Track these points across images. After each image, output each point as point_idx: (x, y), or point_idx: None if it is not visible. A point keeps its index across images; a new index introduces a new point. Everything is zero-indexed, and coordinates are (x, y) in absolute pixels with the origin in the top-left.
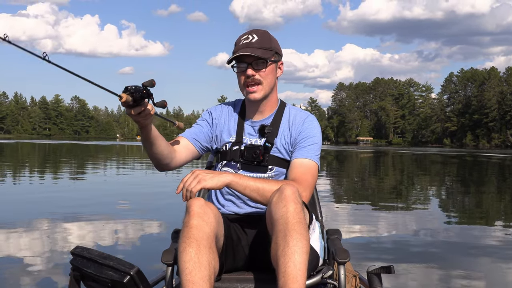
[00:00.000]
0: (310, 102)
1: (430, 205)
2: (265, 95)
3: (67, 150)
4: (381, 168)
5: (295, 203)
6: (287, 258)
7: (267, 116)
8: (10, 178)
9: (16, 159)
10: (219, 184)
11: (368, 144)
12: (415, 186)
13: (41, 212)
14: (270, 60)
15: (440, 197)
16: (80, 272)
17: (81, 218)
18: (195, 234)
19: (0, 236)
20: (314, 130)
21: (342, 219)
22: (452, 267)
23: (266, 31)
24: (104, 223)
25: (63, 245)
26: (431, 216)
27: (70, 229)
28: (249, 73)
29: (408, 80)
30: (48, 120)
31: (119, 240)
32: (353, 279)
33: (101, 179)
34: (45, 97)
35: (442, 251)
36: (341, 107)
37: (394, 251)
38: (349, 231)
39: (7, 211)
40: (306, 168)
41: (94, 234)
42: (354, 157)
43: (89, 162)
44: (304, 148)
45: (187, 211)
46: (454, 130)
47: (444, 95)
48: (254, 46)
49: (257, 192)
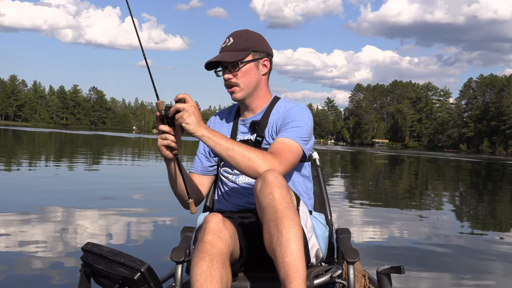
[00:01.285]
0: (327, 102)
1: (449, 211)
2: (247, 94)
3: (84, 140)
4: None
5: (280, 187)
6: (283, 248)
7: (258, 113)
8: (25, 168)
9: (33, 148)
10: (193, 130)
11: (383, 147)
12: (441, 192)
13: (52, 204)
14: (242, 61)
15: (466, 205)
16: (90, 268)
17: (92, 212)
18: (208, 250)
19: (10, 228)
20: (299, 115)
21: (355, 220)
22: (464, 272)
23: (245, 30)
24: (115, 218)
25: (74, 240)
26: (448, 223)
27: (81, 223)
28: (225, 77)
29: (426, 84)
30: (65, 109)
31: (130, 236)
32: (362, 278)
33: (112, 171)
34: (64, 86)
35: (454, 256)
36: (358, 108)
37: (406, 255)
38: (361, 231)
39: (18, 202)
40: (285, 144)
41: (105, 229)
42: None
43: (103, 154)
44: (287, 130)
45: (203, 227)
46: (471, 136)
47: (462, 100)
48: (228, 49)
49: (227, 151)
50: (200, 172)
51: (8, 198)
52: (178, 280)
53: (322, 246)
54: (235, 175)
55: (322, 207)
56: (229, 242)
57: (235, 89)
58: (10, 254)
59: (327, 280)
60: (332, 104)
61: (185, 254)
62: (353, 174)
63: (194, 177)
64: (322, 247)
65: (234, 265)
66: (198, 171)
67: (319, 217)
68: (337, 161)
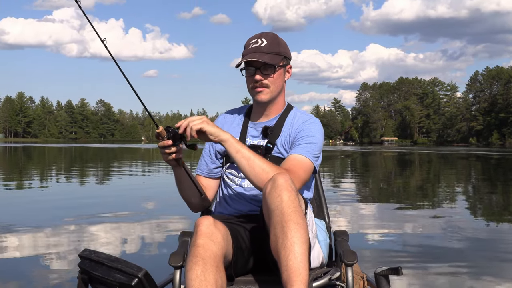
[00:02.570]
0: (334, 103)
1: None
2: (272, 98)
3: (93, 153)
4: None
5: (289, 191)
6: (287, 251)
7: (272, 118)
8: (33, 182)
9: (43, 162)
10: (216, 134)
11: (393, 144)
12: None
13: (53, 212)
14: (278, 65)
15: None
16: (88, 275)
17: (91, 220)
18: (201, 253)
19: (10, 237)
20: (313, 131)
21: (371, 221)
22: (481, 272)
23: (275, 34)
24: (112, 225)
25: (72, 247)
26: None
27: (80, 231)
28: (257, 78)
29: (432, 79)
30: (74, 123)
31: (127, 242)
32: (360, 280)
33: (113, 181)
34: (71, 101)
35: (468, 252)
36: (365, 107)
37: (420, 253)
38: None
39: (17, 214)
40: (298, 162)
41: (102, 236)
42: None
43: (110, 166)
44: (301, 146)
45: (194, 231)
46: (480, 129)
47: (469, 94)
48: (262, 51)
49: (248, 160)
50: (206, 175)
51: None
52: (177, 285)
53: (324, 253)
54: (241, 178)
55: (320, 212)
56: (222, 244)
57: (264, 90)
58: (7, 261)
59: (326, 282)
60: (339, 104)
61: (183, 259)
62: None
63: (200, 179)
64: (325, 253)
65: (229, 268)
66: (204, 173)
67: (320, 224)
68: (356, 165)
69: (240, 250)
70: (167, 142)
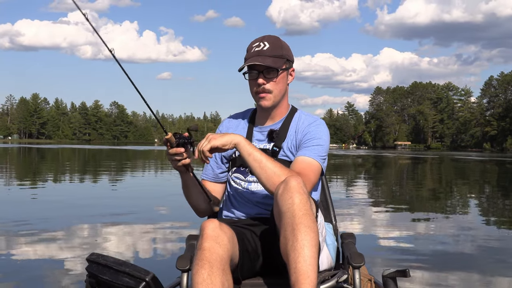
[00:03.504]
0: (348, 107)
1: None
2: (276, 102)
3: (106, 155)
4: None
5: (301, 194)
6: (296, 253)
7: (277, 121)
8: (45, 183)
9: (56, 164)
10: (228, 142)
11: (406, 149)
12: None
13: (57, 213)
14: (281, 68)
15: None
16: (95, 278)
17: (97, 223)
18: (208, 257)
19: (16, 239)
20: (320, 133)
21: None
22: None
23: (277, 37)
24: (120, 228)
25: (79, 251)
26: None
27: (87, 234)
28: (260, 82)
29: (446, 84)
30: (87, 125)
31: (134, 246)
32: (368, 283)
33: (122, 184)
34: (85, 102)
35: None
36: (379, 111)
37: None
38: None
39: (28, 213)
40: (307, 164)
41: (109, 239)
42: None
43: (122, 168)
44: (308, 148)
45: (200, 234)
46: (494, 134)
47: (483, 99)
48: (265, 54)
49: (260, 163)
50: (211, 179)
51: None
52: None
53: (332, 256)
54: (248, 182)
55: (327, 215)
56: (228, 247)
57: (267, 96)
58: (13, 263)
59: (333, 285)
60: (352, 108)
61: (190, 262)
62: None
63: (206, 184)
64: (333, 256)
65: (235, 270)
66: (210, 178)
67: (327, 227)
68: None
69: (247, 253)
70: (179, 150)
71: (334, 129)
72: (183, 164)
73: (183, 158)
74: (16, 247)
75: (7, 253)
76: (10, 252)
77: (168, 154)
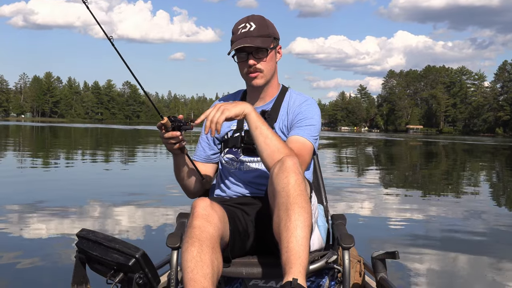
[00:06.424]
0: (360, 90)
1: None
2: (267, 81)
3: (117, 134)
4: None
5: (296, 174)
6: (289, 233)
7: (268, 102)
8: (45, 163)
9: (66, 143)
10: (241, 112)
11: (418, 133)
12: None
13: (57, 194)
14: (269, 48)
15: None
16: (85, 254)
17: (92, 202)
18: (198, 235)
19: (11, 216)
20: (311, 112)
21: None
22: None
23: (262, 16)
24: (111, 206)
25: (69, 227)
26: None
27: (80, 212)
28: (251, 63)
29: (460, 68)
30: (100, 104)
31: (125, 223)
32: (357, 264)
33: (118, 164)
34: (98, 82)
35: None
36: (391, 94)
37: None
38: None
39: (25, 192)
40: (302, 144)
41: (101, 217)
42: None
43: (131, 148)
44: (301, 128)
45: (191, 212)
46: (507, 119)
47: (497, 84)
48: (252, 35)
49: (265, 138)
50: (203, 160)
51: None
52: (174, 265)
53: (323, 237)
54: (240, 162)
55: (318, 196)
56: (219, 225)
57: (259, 75)
58: (6, 240)
59: (323, 265)
60: (365, 91)
61: (180, 240)
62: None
63: (197, 165)
64: (324, 237)
65: (226, 249)
66: (201, 159)
67: (319, 208)
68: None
69: (238, 232)
70: (176, 134)
71: (346, 112)
72: (179, 147)
73: (179, 141)
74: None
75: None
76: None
77: (163, 137)
